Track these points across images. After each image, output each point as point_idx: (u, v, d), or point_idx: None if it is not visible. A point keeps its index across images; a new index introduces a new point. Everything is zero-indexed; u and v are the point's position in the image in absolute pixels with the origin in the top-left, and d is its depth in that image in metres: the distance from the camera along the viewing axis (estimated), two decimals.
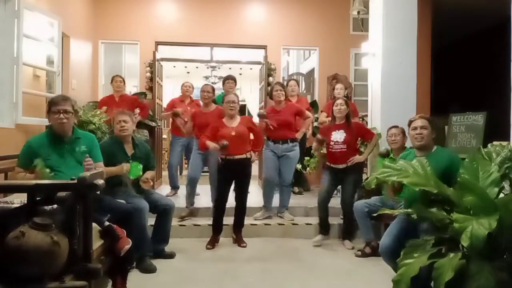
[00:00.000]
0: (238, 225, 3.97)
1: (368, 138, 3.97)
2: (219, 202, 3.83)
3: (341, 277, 3.20)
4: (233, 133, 3.75)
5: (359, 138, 4.02)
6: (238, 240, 3.91)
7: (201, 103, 4.82)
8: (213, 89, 4.61)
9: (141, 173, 3.20)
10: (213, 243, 3.84)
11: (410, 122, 2.83)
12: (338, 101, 3.95)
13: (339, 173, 3.89)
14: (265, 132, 4.29)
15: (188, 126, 4.60)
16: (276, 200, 4.49)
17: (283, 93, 4.37)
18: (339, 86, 5.27)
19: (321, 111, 5.53)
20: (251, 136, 3.98)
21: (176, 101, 5.52)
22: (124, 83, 5.28)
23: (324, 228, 4.01)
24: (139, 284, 2.95)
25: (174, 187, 5.33)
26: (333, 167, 3.92)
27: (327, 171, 3.98)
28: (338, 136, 3.85)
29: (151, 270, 3.21)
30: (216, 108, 4.46)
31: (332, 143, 3.87)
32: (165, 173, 6.11)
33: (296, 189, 5.44)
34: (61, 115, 2.58)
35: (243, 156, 3.78)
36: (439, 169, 2.35)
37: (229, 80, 4.85)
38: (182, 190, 4.82)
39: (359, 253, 3.65)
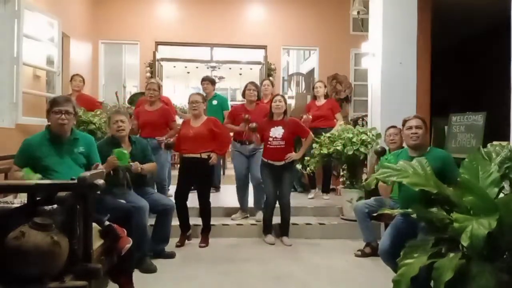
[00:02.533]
0: (203, 227, 3.94)
1: (304, 136, 3.99)
2: (178, 201, 3.79)
3: (341, 277, 3.20)
4: (191, 134, 3.78)
5: (295, 136, 4.02)
6: (201, 240, 3.89)
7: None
8: (159, 87, 4.60)
9: (128, 156, 3.11)
10: (181, 241, 3.84)
11: (405, 121, 2.84)
12: (277, 97, 3.96)
13: (277, 170, 3.88)
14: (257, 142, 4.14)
15: (133, 123, 4.41)
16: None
17: (256, 93, 4.36)
18: (318, 84, 5.20)
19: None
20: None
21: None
22: (84, 83, 5.07)
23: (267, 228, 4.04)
24: (139, 284, 2.95)
25: None
26: (270, 164, 3.91)
27: (266, 168, 3.97)
28: (277, 132, 3.85)
29: (151, 270, 3.20)
30: (160, 108, 4.40)
31: (270, 139, 3.86)
32: None
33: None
34: (62, 116, 2.58)
35: (197, 155, 3.77)
36: (434, 169, 2.36)
37: (204, 81, 5.09)
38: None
39: (359, 253, 3.65)
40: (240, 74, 11.71)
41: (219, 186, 5.56)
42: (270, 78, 6.05)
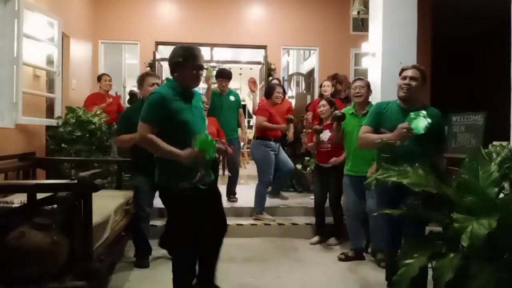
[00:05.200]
0: None
1: None
2: None
3: (341, 276, 3.20)
4: None
5: None
6: None
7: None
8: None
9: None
10: None
11: (402, 70, 2.64)
12: (322, 103, 4.00)
13: (325, 172, 3.89)
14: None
15: None
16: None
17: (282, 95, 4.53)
18: (326, 83, 5.22)
19: (307, 110, 5.50)
20: None
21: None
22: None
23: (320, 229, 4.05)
24: (139, 284, 2.95)
25: None
26: (321, 166, 3.95)
27: (316, 171, 4.06)
28: (324, 136, 3.86)
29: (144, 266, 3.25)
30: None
31: (321, 143, 3.89)
32: None
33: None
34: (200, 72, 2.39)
35: None
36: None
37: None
38: None
39: (343, 256, 3.54)
40: (240, 74, 11.70)
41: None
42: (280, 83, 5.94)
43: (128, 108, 3.70)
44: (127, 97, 6.35)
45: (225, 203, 4.51)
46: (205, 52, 7.33)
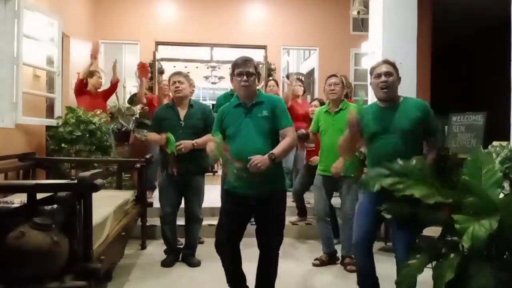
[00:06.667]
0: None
1: None
2: None
3: (341, 276, 3.20)
4: None
5: None
6: None
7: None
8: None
9: (175, 146, 3.13)
10: None
11: (373, 69, 2.44)
12: (314, 103, 4.15)
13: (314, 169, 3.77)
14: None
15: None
16: None
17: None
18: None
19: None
20: None
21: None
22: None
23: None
24: (139, 284, 2.95)
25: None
26: (310, 165, 3.98)
27: (306, 168, 4.18)
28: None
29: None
30: None
31: None
32: None
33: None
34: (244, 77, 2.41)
35: None
36: (414, 119, 2.27)
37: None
38: None
39: (318, 262, 3.45)
40: None
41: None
42: (275, 78, 6.03)
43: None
44: (127, 97, 6.35)
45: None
46: (205, 52, 7.34)
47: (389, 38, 4.30)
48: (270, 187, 2.34)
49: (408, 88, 4.33)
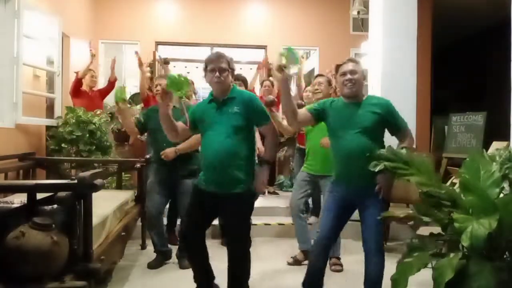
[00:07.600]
0: None
1: None
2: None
3: (341, 276, 3.20)
4: None
5: None
6: None
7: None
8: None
9: (187, 82, 2.38)
10: None
11: (338, 66, 2.49)
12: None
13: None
14: None
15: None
16: None
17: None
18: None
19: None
20: None
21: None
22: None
23: None
24: (139, 284, 2.95)
25: None
26: (301, 148, 4.02)
27: (298, 152, 4.28)
28: None
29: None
30: None
31: None
32: None
33: (271, 188, 5.38)
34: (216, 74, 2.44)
35: None
36: (376, 117, 2.33)
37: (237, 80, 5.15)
38: None
39: (291, 260, 3.39)
40: None
41: None
42: (270, 78, 6.05)
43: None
44: (127, 96, 6.34)
45: None
46: (205, 52, 7.34)
47: (389, 38, 4.30)
48: (238, 187, 2.36)
49: (408, 88, 4.34)
